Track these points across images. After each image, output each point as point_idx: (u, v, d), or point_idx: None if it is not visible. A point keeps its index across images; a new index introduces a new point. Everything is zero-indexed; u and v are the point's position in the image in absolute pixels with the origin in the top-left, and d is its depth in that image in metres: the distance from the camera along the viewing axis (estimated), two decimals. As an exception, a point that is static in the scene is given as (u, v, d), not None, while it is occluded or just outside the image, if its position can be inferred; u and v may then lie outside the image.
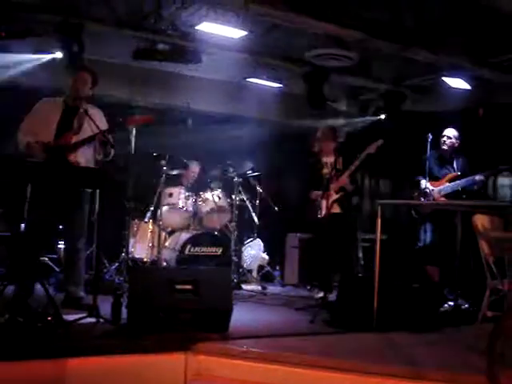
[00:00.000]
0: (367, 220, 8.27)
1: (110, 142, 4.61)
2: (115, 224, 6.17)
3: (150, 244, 6.54)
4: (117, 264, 6.32)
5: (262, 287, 6.63)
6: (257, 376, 3.51)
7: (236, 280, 6.44)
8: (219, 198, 6.79)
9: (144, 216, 6.75)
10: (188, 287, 3.98)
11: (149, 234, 6.60)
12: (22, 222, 4.33)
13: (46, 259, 6.15)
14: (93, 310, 4.05)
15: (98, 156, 4.75)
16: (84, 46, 6.08)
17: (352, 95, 8.94)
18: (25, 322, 3.70)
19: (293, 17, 5.76)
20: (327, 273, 5.80)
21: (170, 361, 3.61)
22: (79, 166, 4.63)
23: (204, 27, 6.13)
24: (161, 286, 3.95)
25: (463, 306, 5.31)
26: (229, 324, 4.00)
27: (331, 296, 5.38)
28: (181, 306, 3.93)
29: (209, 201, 6.77)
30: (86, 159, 4.75)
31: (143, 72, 7.29)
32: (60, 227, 5.36)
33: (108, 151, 4.76)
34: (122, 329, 3.96)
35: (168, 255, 6.45)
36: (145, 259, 6.54)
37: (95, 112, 4.77)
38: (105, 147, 4.69)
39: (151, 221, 6.70)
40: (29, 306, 3.94)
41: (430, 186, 5.91)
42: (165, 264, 6.32)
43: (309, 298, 5.83)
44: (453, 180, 5.92)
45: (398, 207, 6.23)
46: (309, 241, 6.92)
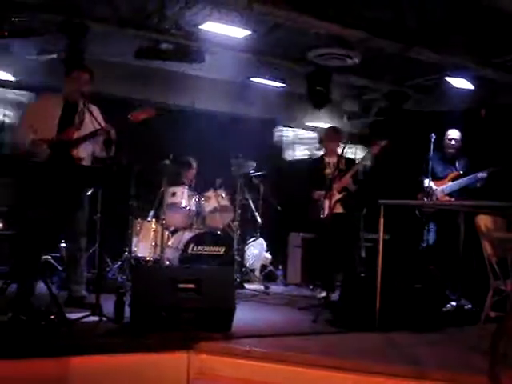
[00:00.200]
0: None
1: (113, 139, 4.61)
2: (118, 223, 6.19)
3: (153, 243, 6.54)
4: (120, 263, 6.34)
5: (265, 286, 6.63)
6: (259, 375, 3.51)
7: (239, 279, 6.44)
8: (222, 198, 6.79)
9: (147, 215, 6.76)
10: (191, 286, 3.97)
11: (152, 233, 6.61)
12: (25, 221, 4.33)
13: (49, 258, 6.16)
14: (96, 309, 4.05)
15: (100, 153, 4.76)
16: (87, 46, 6.09)
17: (355, 95, 8.93)
18: (28, 321, 3.71)
19: (295, 16, 5.78)
20: (330, 272, 5.80)
21: (173, 360, 3.60)
22: (83, 165, 4.66)
23: (207, 27, 6.13)
24: (163, 285, 3.95)
25: (466, 306, 5.31)
26: (231, 323, 4.00)
27: (334, 296, 5.38)
28: (183, 305, 3.92)
29: (212, 200, 6.77)
30: (87, 155, 4.78)
31: (146, 71, 7.29)
32: (62, 226, 5.36)
33: (110, 148, 4.76)
34: (125, 327, 3.96)
35: (171, 254, 6.46)
36: (148, 258, 6.55)
37: (94, 109, 4.77)
38: (107, 144, 4.69)
39: (154, 220, 6.71)
40: (32, 305, 3.94)
41: (434, 186, 5.92)
42: (167, 263, 6.32)
43: (311, 298, 5.83)
44: (455, 179, 5.93)
45: (401, 207, 6.22)
46: (311, 240, 6.92)
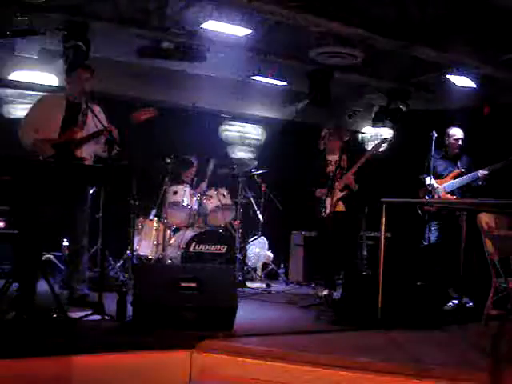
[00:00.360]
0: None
1: (115, 139, 4.61)
2: (120, 222, 6.19)
3: (155, 242, 6.55)
4: (122, 261, 6.35)
5: (267, 285, 6.64)
6: (261, 374, 3.51)
7: (240, 278, 6.46)
8: (224, 196, 6.79)
9: (149, 214, 6.77)
10: (193, 285, 3.98)
11: (154, 232, 6.62)
12: (27, 220, 4.33)
13: (51, 257, 6.17)
14: (98, 308, 4.06)
15: (103, 153, 4.77)
16: (89, 45, 6.10)
17: (356, 93, 8.91)
18: (30, 320, 3.71)
19: (296, 14, 5.76)
20: (332, 271, 5.80)
21: (175, 358, 3.60)
22: (86, 164, 4.67)
23: (209, 25, 6.13)
24: (165, 284, 3.95)
25: (468, 304, 5.31)
26: (233, 322, 4.00)
27: (336, 294, 5.39)
28: (185, 304, 3.93)
29: (213, 199, 6.77)
30: (90, 155, 4.81)
31: (147, 70, 7.28)
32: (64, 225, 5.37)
33: (112, 148, 4.76)
34: (127, 326, 3.96)
35: (173, 253, 6.46)
36: (149, 257, 6.56)
37: (96, 109, 4.78)
38: (109, 144, 4.69)
39: (156, 218, 6.72)
40: (34, 304, 3.95)
41: (436, 184, 5.91)
42: (169, 262, 6.33)
43: (313, 296, 5.82)
44: (457, 177, 5.92)
45: (403, 205, 6.22)
46: (313, 239, 6.92)
